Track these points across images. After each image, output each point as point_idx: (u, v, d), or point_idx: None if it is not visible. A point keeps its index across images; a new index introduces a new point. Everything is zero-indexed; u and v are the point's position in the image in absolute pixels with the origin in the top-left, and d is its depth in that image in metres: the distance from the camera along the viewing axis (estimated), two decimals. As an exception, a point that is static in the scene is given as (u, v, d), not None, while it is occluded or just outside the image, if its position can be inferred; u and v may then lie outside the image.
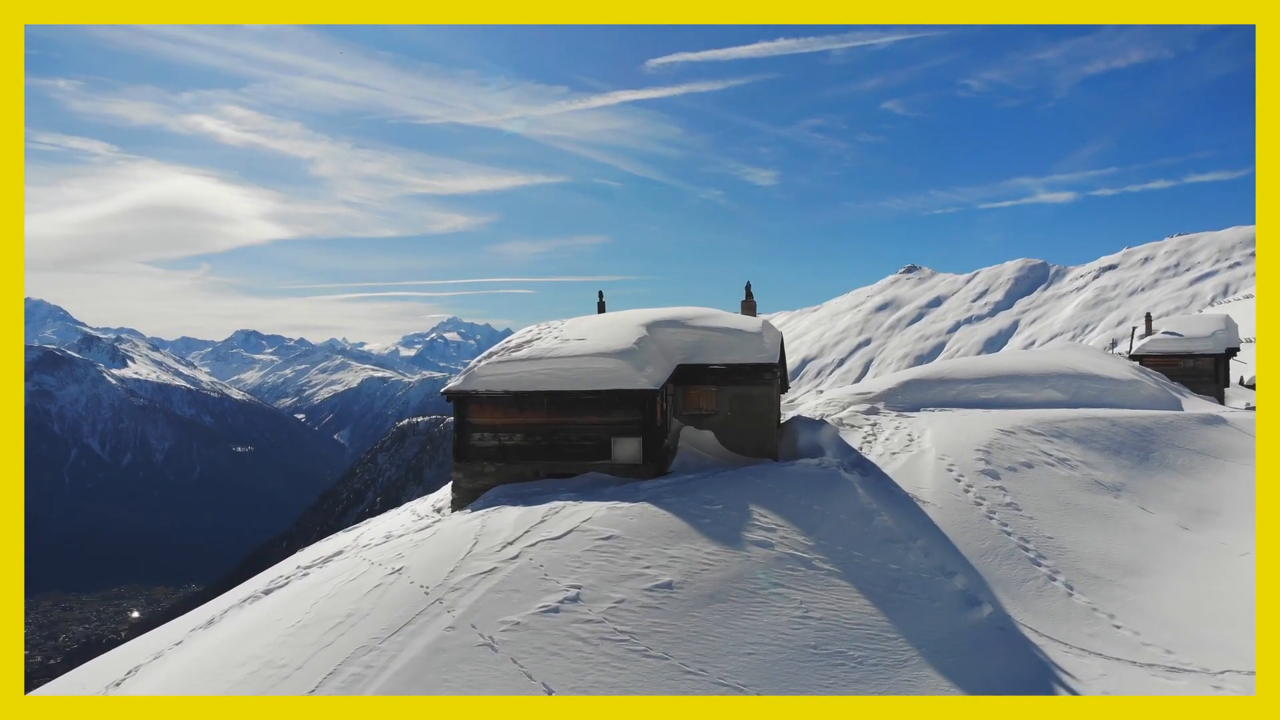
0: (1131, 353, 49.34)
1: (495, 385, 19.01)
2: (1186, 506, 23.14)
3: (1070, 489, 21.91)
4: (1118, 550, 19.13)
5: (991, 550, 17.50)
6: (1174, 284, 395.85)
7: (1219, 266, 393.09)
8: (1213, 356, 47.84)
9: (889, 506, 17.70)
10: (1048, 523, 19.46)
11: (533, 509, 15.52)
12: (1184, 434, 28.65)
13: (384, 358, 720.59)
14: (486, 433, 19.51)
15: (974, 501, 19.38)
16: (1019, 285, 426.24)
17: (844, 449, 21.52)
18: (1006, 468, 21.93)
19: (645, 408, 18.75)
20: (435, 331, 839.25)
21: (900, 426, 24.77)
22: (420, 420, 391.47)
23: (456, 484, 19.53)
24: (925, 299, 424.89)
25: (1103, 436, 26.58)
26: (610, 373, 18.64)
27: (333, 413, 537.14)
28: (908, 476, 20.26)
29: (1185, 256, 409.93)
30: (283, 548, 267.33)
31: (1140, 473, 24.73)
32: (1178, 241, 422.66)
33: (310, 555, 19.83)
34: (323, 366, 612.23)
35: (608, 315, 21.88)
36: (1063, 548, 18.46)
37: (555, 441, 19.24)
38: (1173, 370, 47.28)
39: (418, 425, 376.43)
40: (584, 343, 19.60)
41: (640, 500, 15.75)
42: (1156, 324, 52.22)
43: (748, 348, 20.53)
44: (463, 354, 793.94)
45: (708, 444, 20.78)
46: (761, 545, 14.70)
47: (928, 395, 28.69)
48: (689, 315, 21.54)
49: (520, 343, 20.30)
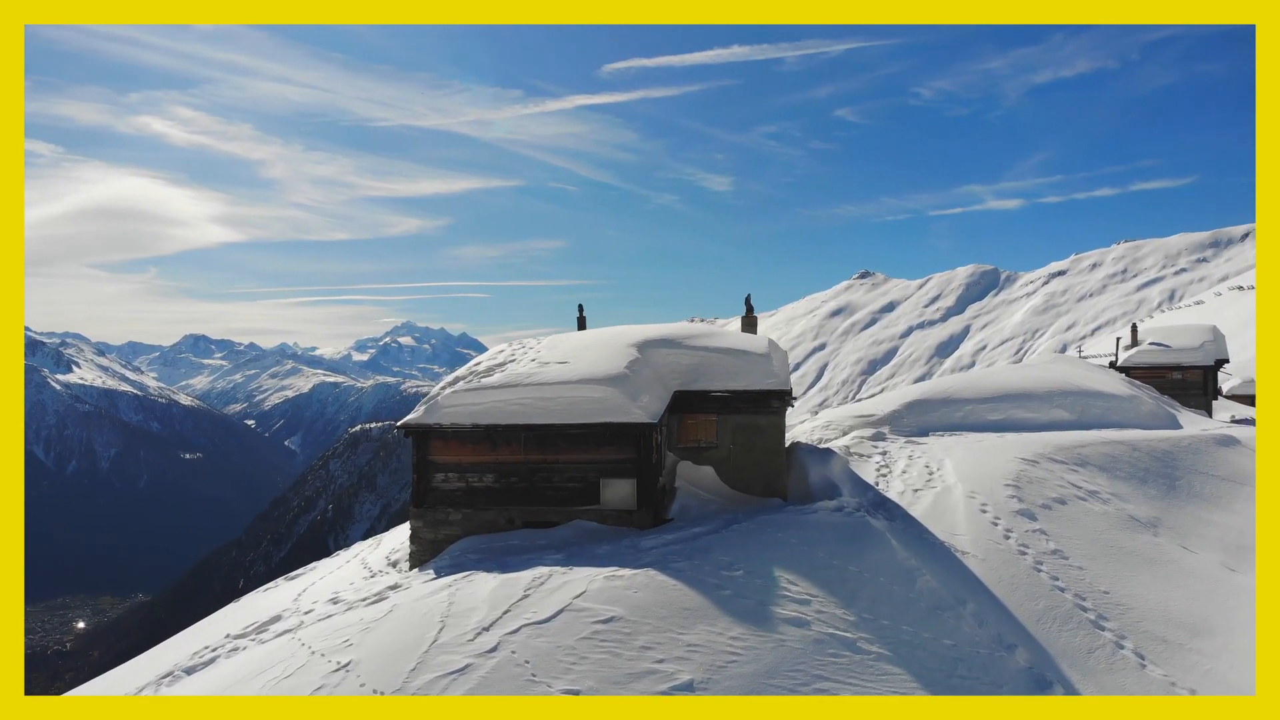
0: (1119, 364, 47.56)
1: (463, 417, 16.12)
2: (1226, 543, 21.05)
3: (1108, 528, 19.61)
4: (1176, 603, 16.83)
5: (1048, 613, 15.06)
6: (1122, 290, 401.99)
7: (1165, 273, 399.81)
8: (1202, 368, 46.22)
9: (928, 562, 15.12)
10: (1098, 572, 17.08)
11: (512, 578, 12.67)
12: (1204, 458, 26.60)
13: (336, 362, 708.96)
14: (452, 473, 16.61)
15: (1017, 550, 16.92)
16: (970, 291, 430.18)
17: (860, 486, 18.94)
18: (1040, 505, 19.56)
19: (640, 444, 15.98)
20: (389, 336, 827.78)
21: (915, 456, 22.31)
22: (373, 426, 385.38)
23: (416, 534, 16.60)
24: (879, 304, 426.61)
25: (1126, 463, 24.40)
26: (599, 403, 15.85)
27: (284, 418, 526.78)
28: (938, 519, 17.76)
29: (1133, 263, 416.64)
30: (232, 556, 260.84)
31: (1171, 504, 22.58)
32: (1125, 248, 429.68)
33: (245, 615, 16.79)
34: (273, 371, 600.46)
35: (591, 333, 19.10)
36: (1121, 604, 16.09)
37: (534, 484, 16.38)
38: (1161, 382, 45.53)
39: (371, 431, 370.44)
40: (567, 367, 16.76)
41: (643, 565, 12.98)
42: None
43: (754, 371, 17.82)
44: (417, 358, 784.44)
45: (707, 481, 18.06)
46: (796, 624, 11.99)
47: (934, 417, 26.30)
48: (684, 334, 18.78)
49: (491, 366, 17.41)
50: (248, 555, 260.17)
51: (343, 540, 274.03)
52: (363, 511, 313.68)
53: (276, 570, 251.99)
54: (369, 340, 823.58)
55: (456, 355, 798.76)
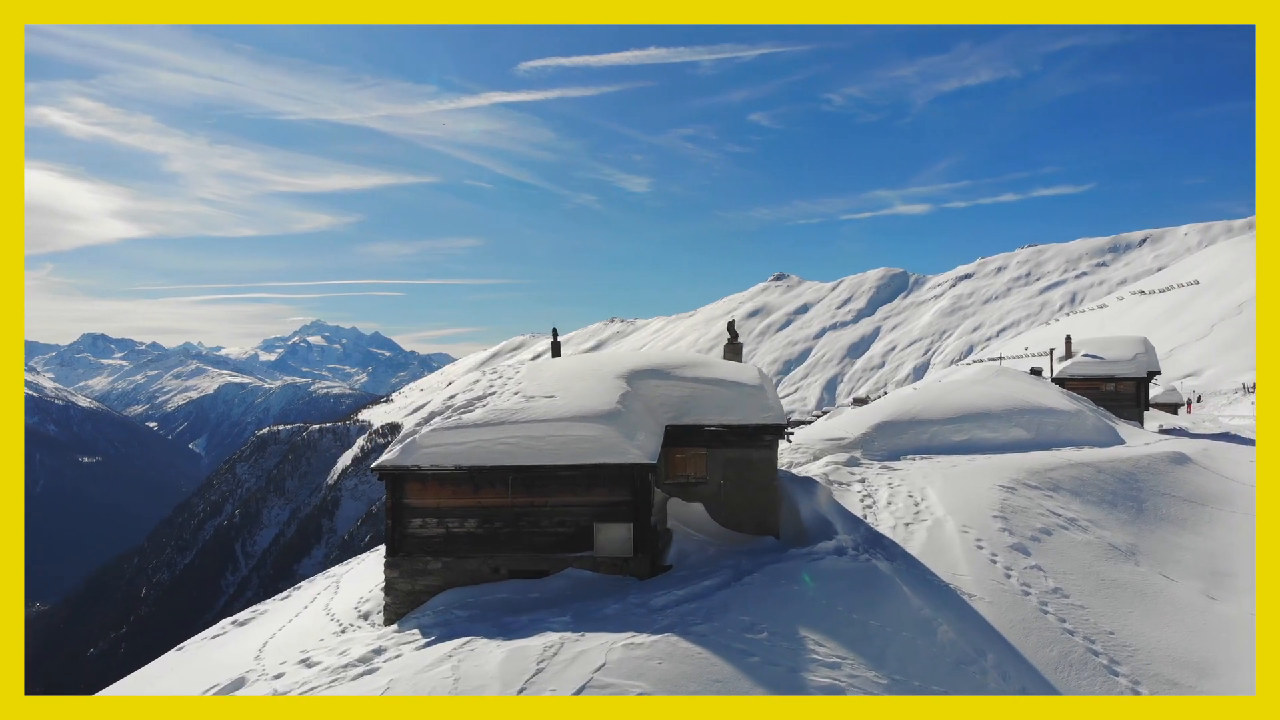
0: (1054, 376, 48.21)
1: (444, 458, 14.85)
2: (1201, 569, 21.03)
3: (1095, 559, 19.35)
4: (1175, 641, 16.57)
5: (1063, 659, 14.58)
6: (1025, 292, 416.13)
7: (1067, 276, 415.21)
8: (1134, 380, 47.12)
9: (942, 610, 14.47)
10: (1099, 610, 16.72)
11: (520, 647, 11.51)
12: (1164, 479, 26.77)
13: (243, 363, 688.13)
14: (430, 518, 15.32)
15: (1020, 590, 16.43)
16: (881, 293, 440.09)
17: (851, 521, 18.25)
18: (1030, 538, 19.19)
19: (637, 485, 14.95)
20: (298, 335, 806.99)
21: (894, 484, 21.77)
22: (282, 429, 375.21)
23: (391, 585, 15.25)
24: (793, 306, 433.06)
25: (1094, 487, 24.33)
26: (594, 442, 14.76)
27: (187, 421, 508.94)
28: (937, 557, 17.18)
29: (1036, 266, 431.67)
30: (134, 563, 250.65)
31: (1143, 529, 22.53)
32: (1028, 252, 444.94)
33: (199, 671, 15.20)
34: (177, 372, 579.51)
35: (573, 362, 17.94)
36: (1127, 645, 15.74)
37: (520, 529, 15.21)
38: (1095, 394, 46.26)
39: (279, 434, 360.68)
40: (555, 402, 15.61)
41: (661, 629, 11.96)
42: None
43: (749, 405, 16.93)
44: (327, 358, 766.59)
45: (698, 520, 17.12)
46: (831, 691, 11.14)
47: (903, 440, 25.90)
48: (673, 364, 17.78)
49: (470, 401, 16.14)
50: (151, 562, 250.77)
51: (251, 546, 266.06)
52: (271, 516, 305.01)
53: (182, 578, 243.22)
54: (277, 340, 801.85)
55: (369, 355, 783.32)
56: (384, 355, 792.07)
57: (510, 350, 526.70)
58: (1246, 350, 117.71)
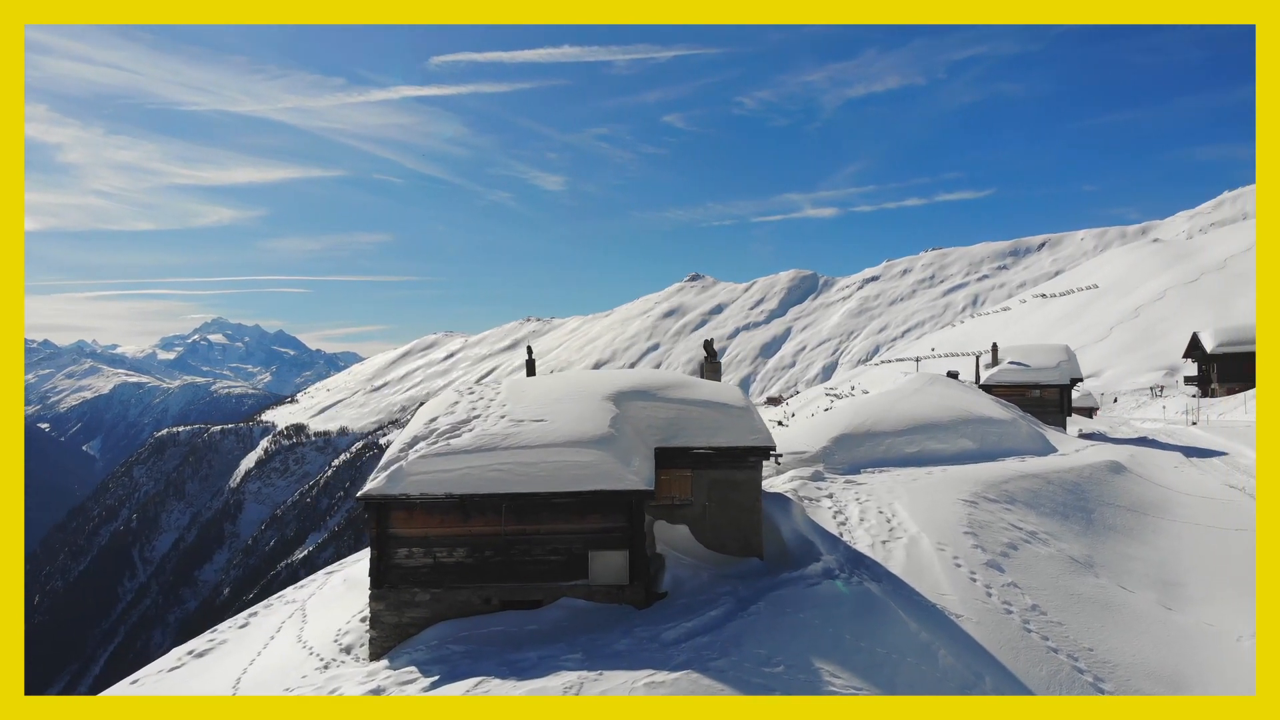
0: (982, 382, 49.52)
1: (433, 486, 14.34)
2: (1152, 579, 21.74)
3: (1060, 573, 19.84)
4: (1148, 655, 17.05)
5: (1052, 679, 14.86)
6: (930, 294, 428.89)
7: (969, 279, 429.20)
8: (1058, 387, 48.71)
9: (938, 634, 14.59)
10: (1075, 626, 17.12)
11: (538, 689, 11.14)
12: (1106, 488, 27.65)
13: (140, 362, 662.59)
14: (417, 548, 14.79)
15: (1002, 609, 16.70)
16: (792, 294, 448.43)
17: (831, 540, 18.31)
18: (1000, 553, 19.57)
19: (633, 512, 14.68)
20: (198, 333, 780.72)
21: (862, 499, 21.98)
22: (181, 430, 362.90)
23: (377, 618, 14.66)
24: (708, 306, 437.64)
25: (1046, 498, 25.00)
26: (590, 468, 14.43)
27: (81, 422, 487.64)
28: (920, 577, 17.35)
29: (940, 269, 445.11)
30: (26, 571, 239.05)
31: (1095, 540, 23.21)
32: (933, 255, 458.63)
33: None
34: (70, 371, 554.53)
35: (555, 382, 17.53)
36: (1106, 661, 16.12)
37: (512, 558, 14.79)
38: (1021, 400, 47.72)
39: (179, 435, 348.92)
40: (546, 426, 15.22)
41: (679, 666, 11.73)
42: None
43: (737, 427, 16.81)
44: (229, 357, 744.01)
45: (684, 542, 16.93)
46: (856, 726, 11.07)
47: (860, 453, 26.21)
48: (657, 384, 17.54)
49: (454, 424, 15.63)
50: (43, 569, 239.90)
51: (149, 551, 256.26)
52: (171, 521, 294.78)
53: (78, 585, 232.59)
54: (176, 338, 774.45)
55: (273, 354, 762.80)
56: (288, 354, 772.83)
57: (422, 349, 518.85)
58: (1144, 352, 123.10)
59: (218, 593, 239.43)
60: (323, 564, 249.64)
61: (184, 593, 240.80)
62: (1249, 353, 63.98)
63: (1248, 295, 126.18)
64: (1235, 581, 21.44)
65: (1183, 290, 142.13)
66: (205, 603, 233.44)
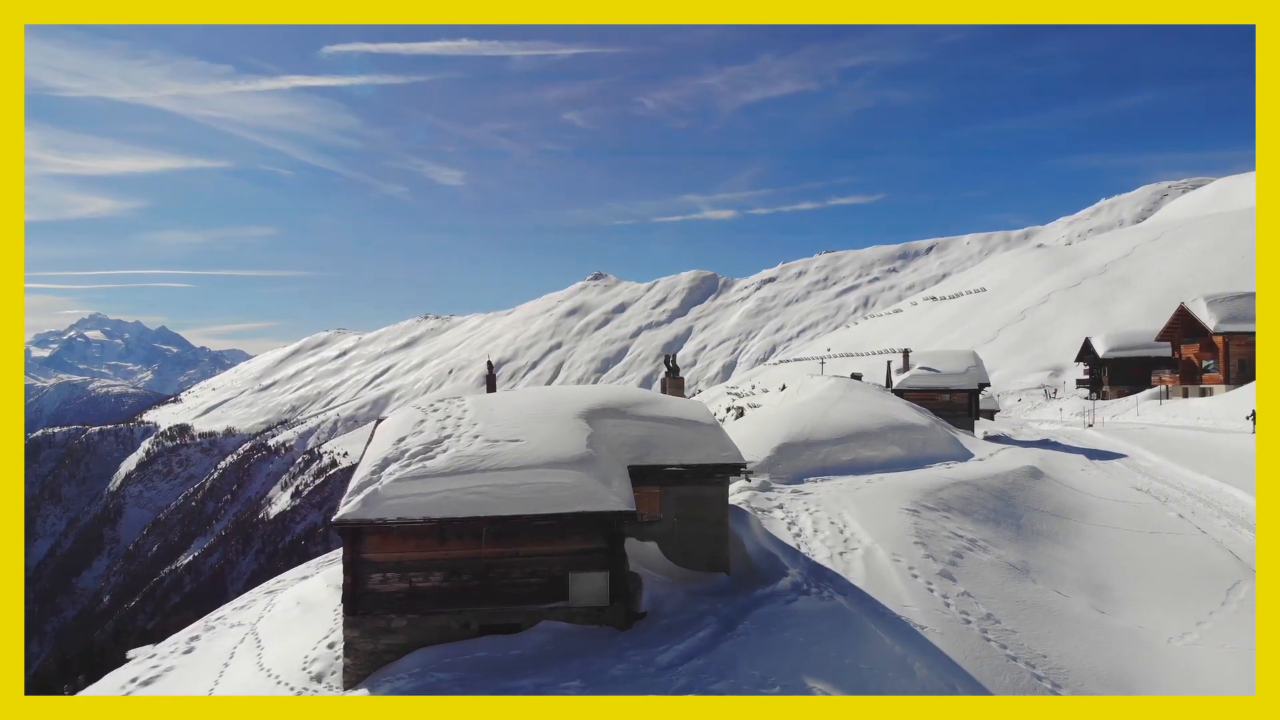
0: (895, 387, 50.97)
1: (411, 510, 13.99)
2: (1081, 582, 22.66)
3: (1004, 580, 20.57)
4: (1094, 660, 17.75)
5: (1015, 687, 15.42)
6: (824, 296, 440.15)
7: (860, 281, 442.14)
8: (966, 392, 50.50)
9: (911, 647, 14.99)
10: (1027, 634, 17.76)
11: (544, 720, 11.01)
12: (1029, 494, 28.80)
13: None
14: (392, 573, 14.42)
15: (961, 619, 17.24)
16: (693, 294, 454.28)
17: (792, 553, 18.61)
18: (949, 562, 20.19)
19: (613, 533, 14.63)
20: (74, 329, 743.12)
21: (812, 510, 22.41)
22: (57, 431, 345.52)
23: (351, 645, 14.23)
24: (611, 305, 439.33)
25: (979, 506, 25.89)
26: (571, 489, 14.30)
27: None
28: (882, 588, 17.77)
29: (833, 271, 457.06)
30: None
31: (1026, 546, 24.12)
32: (826, 258, 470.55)
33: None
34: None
35: (524, 400, 17.29)
36: (1060, 667, 16.76)
37: (490, 581, 14.55)
38: (932, 405, 49.30)
39: (54, 436, 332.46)
40: (523, 446, 15.02)
41: (679, 690, 11.78)
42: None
43: (708, 444, 16.92)
44: (108, 355, 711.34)
45: (652, 559, 16.95)
46: (858, 747, 11.29)
47: (801, 462, 26.71)
48: (626, 401, 17.49)
49: (426, 445, 15.28)
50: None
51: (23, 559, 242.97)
52: (46, 527, 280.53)
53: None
54: (51, 334, 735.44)
55: (154, 352, 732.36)
56: (171, 352, 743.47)
57: (314, 347, 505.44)
58: (1030, 353, 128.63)
59: (97, 601, 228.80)
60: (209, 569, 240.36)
61: (61, 601, 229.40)
62: (1138, 357, 67.72)
63: (1128, 300, 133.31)
64: (1156, 584, 22.56)
65: (1065, 294, 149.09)
66: (84, 611, 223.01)
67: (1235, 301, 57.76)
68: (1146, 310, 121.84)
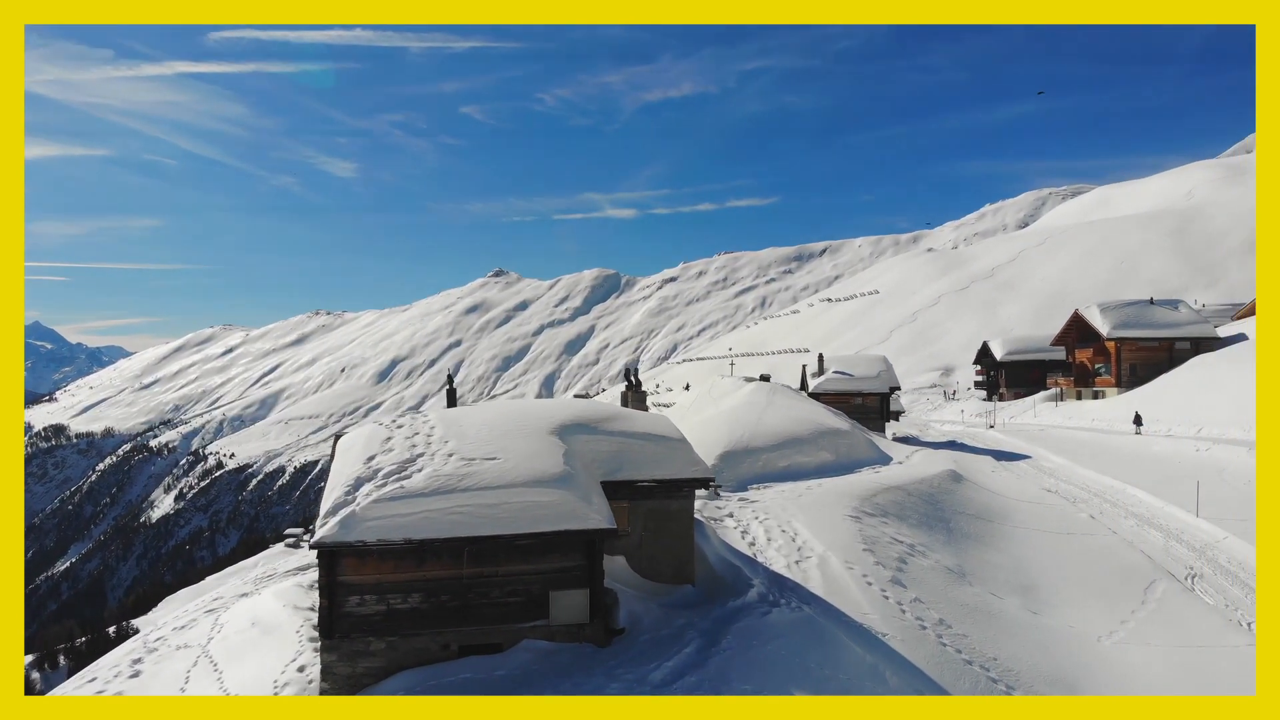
0: (811, 391, 52.12)
1: (391, 532, 13.75)
2: (1012, 584, 23.65)
3: (946, 584, 21.35)
4: (1037, 660, 18.54)
5: (974, 689, 16.09)
6: (723, 295, 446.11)
7: (758, 282, 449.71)
8: (878, 395, 52.01)
9: (880, 656, 15.46)
10: (977, 637, 18.49)
11: (553, 744, 11.03)
12: (953, 498, 29.91)
13: None
14: (369, 595, 14.15)
15: (917, 624, 17.86)
16: (595, 293, 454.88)
17: (752, 564, 18.97)
18: (896, 569, 20.86)
19: (593, 551, 14.68)
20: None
21: (761, 518, 22.86)
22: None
23: (329, 670, 13.92)
24: (512, 303, 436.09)
25: (911, 511, 26.77)
26: (552, 508, 14.28)
27: None
28: (841, 596, 18.28)
29: (731, 272, 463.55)
30: None
31: (958, 549, 25.06)
32: (725, 259, 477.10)
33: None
34: None
35: (494, 415, 17.10)
36: (1011, 669, 17.51)
37: (469, 601, 14.42)
38: (846, 407, 50.64)
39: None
40: (501, 465, 14.92)
41: (682, 709, 11.89)
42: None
43: (676, 459, 17.09)
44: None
45: (620, 572, 17.03)
46: (854, 760, 11.64)
47: (742, 469, 27.18)
48: (597, 417, 17.50)
49: (400, 464, 15.02)
50: None
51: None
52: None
53: None
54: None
55: (28, 347, 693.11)
56: (45, 348, 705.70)
57: (197, 344, 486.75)
58: (922, 354, 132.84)
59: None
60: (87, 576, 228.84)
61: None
62: (1034, 360, 70.95)
63: (1014, 302, 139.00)
64: (1078, 584, 23.71)
65: (955, 297, 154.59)
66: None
67: (1127, 309, 61.11)
68: (1033, 312, 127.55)
